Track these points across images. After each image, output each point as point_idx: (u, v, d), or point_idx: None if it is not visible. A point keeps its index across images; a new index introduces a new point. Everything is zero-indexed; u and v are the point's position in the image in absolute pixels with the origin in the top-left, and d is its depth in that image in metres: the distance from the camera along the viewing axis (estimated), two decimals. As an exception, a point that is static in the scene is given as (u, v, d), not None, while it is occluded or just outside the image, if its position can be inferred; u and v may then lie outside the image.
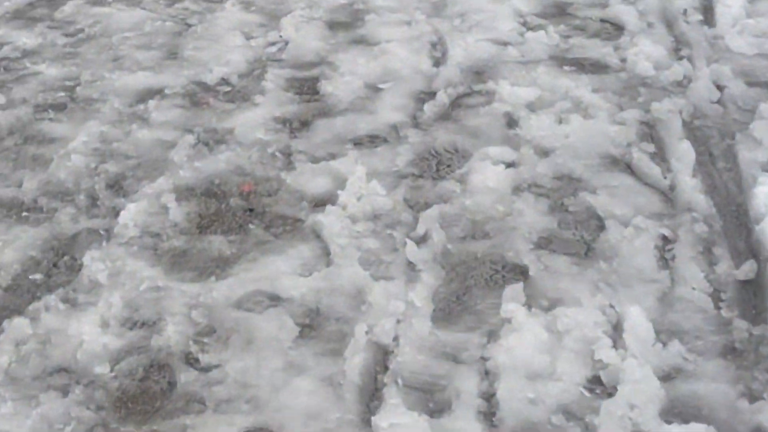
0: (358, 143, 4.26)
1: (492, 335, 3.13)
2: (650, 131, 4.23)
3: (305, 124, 4.44)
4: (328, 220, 3.67)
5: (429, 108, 4.47)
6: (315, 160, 4.13)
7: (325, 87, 4.72)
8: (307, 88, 4.77)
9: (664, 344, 3.04)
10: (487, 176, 3.91)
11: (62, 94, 4.72)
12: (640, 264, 3.42)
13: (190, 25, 5.47)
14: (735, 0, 5.22)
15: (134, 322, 3.21)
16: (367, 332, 3.11)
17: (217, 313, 3.23)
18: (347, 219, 3.69)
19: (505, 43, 5.04)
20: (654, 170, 3.91)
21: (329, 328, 3.18)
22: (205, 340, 3.12)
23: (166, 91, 4.73)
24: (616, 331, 3.10)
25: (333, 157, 4.15)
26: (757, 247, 3.43)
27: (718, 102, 4.40)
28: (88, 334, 3.12)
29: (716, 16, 5.15)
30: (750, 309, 3.22)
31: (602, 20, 5.27)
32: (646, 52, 4.78)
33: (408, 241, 3.55)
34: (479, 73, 4.79)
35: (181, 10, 5.67)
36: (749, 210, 3.63)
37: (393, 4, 5.59)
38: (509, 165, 4.02)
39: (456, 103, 4.56)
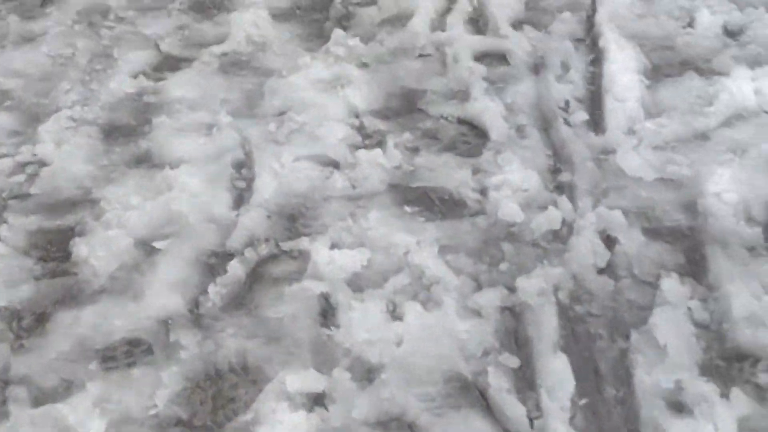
0: (108, 357, 3.03)
1: None
2: (515, 325, 3.06)
3: (41, 321, 3.18)
4: None
5: (216, 290, 3.23)
6: (38, 399, 2.88)
7: (80, 249, 3.44)
8: (56, 249, 3.50)
9: None
10: (279, 433, 2.71)
11: None
12: None
13: None
14: (629, 90, 4.03)
15: None
16: None
17: None
18: None
19: (333, 165, 3.80)
20: (515, 411, 2.74)
21: None
22: None
23: None
24: None
25: (67, 389, 2.92)
26: None
27: (607, 270, 3.23)
28: None
29: (605, 114, 3.95)
30: None
31: (460, 121, 4.04)
32: (512, 183, 3.58)
33: None
34: (293, 218, 3.56)
35: None
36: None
37: (193, 95, 4.30)
38: (316, 401, 2.82)
39: (256, 272, 3.33)
